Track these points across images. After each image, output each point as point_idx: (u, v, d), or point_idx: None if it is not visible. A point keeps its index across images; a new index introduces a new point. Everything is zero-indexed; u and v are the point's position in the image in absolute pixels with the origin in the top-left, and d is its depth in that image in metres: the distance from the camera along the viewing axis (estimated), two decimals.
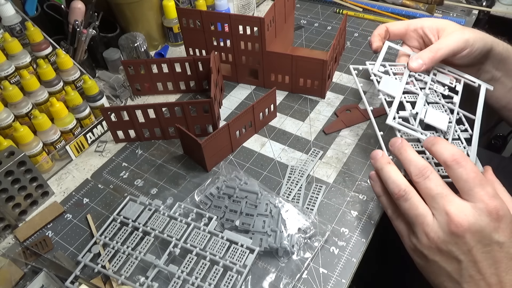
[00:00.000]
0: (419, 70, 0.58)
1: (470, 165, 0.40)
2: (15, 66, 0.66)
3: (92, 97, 0.69)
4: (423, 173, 0.42)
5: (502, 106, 0.64)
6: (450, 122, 0.56)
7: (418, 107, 0.55)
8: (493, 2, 1.03)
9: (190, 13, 0.73)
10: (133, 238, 0.53)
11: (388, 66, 0.61)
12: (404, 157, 0.45)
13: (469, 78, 0.61)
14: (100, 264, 0.50)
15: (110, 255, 0.51)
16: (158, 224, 0.54)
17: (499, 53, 0.60)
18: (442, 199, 0.40)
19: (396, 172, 0.45)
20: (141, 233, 0.53)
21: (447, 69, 0.62)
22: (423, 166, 0.42)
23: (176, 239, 0.51)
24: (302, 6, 1.04)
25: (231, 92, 0.78)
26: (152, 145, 0.68)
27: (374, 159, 0.47)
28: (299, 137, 0.68)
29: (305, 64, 0.71)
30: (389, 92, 0.57)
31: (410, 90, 0.58)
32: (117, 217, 0.55)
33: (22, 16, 0.72)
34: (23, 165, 0.55)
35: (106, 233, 0.54)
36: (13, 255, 0.53)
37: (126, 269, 0.49)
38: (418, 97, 0.57)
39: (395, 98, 0.56)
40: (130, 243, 0.52)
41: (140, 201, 0.56)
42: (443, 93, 0.59)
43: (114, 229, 0.54)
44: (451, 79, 0.61)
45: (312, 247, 0.52)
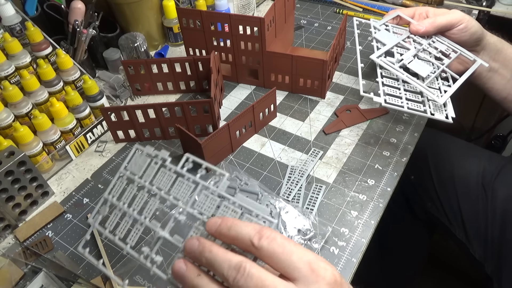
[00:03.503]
0: (419, 31, 0.63)
1: (276, 232, 0.32)
2: (15, 66, 0.66)
3: (92, 97, 0.69)
4: (242, 272, 0.31)
5: (503, 98, 0.65)
6: (433, 73, 0.59)
7: (405, 56, 0.60)
8: (493, 2, 1.03)
9: (190, 13, 0.73)
10: (139, 200, 0.47)
11: (390, 26, 0.66)
12: (211, 259, 0.33)
13: (466, 52, 0.63)
14: (108, 229, 0.45)
15: (117, 218, 0.46)
16: (164, 182, 0.47)
17: (494, 43, 0.64)
18: None
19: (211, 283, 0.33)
20: (146, 194, 0.47)
21: (446, 42, 0.64)
22: (238, 264, 0.31)
23: (183, 202, 0.44)
24: (302, 6, 1.04)
25: (231, 92, 0.78)
26: (152, 145, 0.68)
27: (179, 277, 0.35)
28: (299, 137, 0.68)
29: (305, 64, 0.71)
30: (383, 41, 0.61)
31: (404, 46, 0.62)
32: (124, 172, 0.49)
33: (22, 16, 0.72)
34: (23, 165, 0.55)
35: (113, 191, 0.48)
36: (13, 255, 0.53)
37: (132, 237, 0.44)
38: (409, 50, 0.61)
39: (386, 45, 0.61)
40: (136, 205, 0.47)
41: (146, 152, 0.52)
42: (435, 54, 0.62)
43: (121, 186, 0.48)
44: (447, 48, 0.63)
45: (312, 248, 0.52)
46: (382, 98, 0.56)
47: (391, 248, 0.93)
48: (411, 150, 0.65)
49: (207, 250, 0.34)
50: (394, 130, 0.68)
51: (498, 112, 1.27)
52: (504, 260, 0.68)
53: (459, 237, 0.75)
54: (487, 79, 0.66)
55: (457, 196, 0.74)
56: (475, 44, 0.63)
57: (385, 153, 0.64)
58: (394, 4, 1.00)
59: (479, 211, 0.72)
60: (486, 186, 0.72)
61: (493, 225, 0.70)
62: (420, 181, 0.81)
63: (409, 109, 0.56)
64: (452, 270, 1.24)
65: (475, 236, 0.73)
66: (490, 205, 0.70)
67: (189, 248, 0.36)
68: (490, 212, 0.70)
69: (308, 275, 0.30)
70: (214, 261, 0.33)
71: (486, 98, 0.74)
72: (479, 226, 0.71)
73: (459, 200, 0.74)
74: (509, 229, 0.67)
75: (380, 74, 0.59)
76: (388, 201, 0.58)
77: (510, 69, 0.64)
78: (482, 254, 0.72)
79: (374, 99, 0.56)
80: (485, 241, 0.71)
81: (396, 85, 0.59)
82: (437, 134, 0.83)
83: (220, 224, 0.35)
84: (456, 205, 0.75)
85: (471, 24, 0.61)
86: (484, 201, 0.71)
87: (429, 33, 0.63)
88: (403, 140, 0.66)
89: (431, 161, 0.79)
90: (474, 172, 0.74)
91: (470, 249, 0.74)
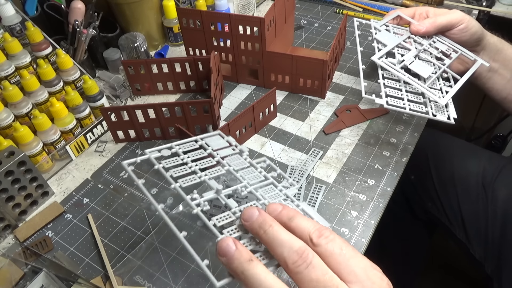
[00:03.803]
0: (419, 32, 0.63)
1: (335, 234, 0.32)
2: (15, 66, 0.66)
3: (92, 97, 0.69)
4: (304, 259, 0.30)
5: (503, 98, 0.66)
6: (434, 73, 0.59)
7: (406, 57, 0.60)
8: (493, 2, 1.03)
9: (190, 13, 0.73)
10: (206, 162, 0.47)
11: (391, 27, 0.66)
12: (271, 236, 0.32)
13: (467, 52, 0.63)
14: (163, 165, 0.44)
15: (175, 163, 0.45)
16: (235, 163, 0.47)
17: (494, 43, 0.64)
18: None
19: (266, 273, 0.30)
20: (215, 161, 0.47)
21: (447, 41, 0.64)
22: (302, 249, 0.30)
23: (248, 183, 0.44)
24: (302, 6, 1.04)
25: (231, 92, 0.78)
26: (152, 145, 0.68)
27: (225, 256, 0.32)
28: (299, 137, 0.68)
29: (305, 64, 0.71)
30: (384, 42, 0.61)
31: (405, 46, 0.62)
32: (199, 140, 0.50)
33: (22, 16, 0.72)
34: (23, 165, 0.55)
35: (182, 146, 0.48)
36: (13, 255, 0.53)
37: (184, 181, 0.43)
38: (410, 51, 0.61)
39: (387, 46, 0.60)
40: (201, 164, 0.45)
41: (227, 139, 0.53)
42: (436, 55, 0.62)
43: (191, 147, 0.48)
44: (448, 48, 0.63)
45: None
46: (384, 100, 0.56)
47: (391, 248, 0.93)
48: (411, 150, 0.65)
49: (268, 224, 0.32)
50: (394, 130, 0.68)
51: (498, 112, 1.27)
52: (504, 260, 0.68)
53: (459, 237, 0.75)
54: (487, 79, 0.66)
55: (457, 196, 0.74)
56: (475, 44, 0.64)
57: (385, 153, 0.64)
58: (394, 4, 1.00)
59: (479, 211, 0.72)
60: (486, 186, 0.72)
61: (493, 225, 0.70)
62: (420, 181, 0.81)
63: (411, 110, 0.56)
64: (452, 270, 1.24)
65: (475, 236, 0.73)
66: (490, 205, 0.70)
67: (248, 215, 0.34)
68: (490, 212, 0.70)
69: (363, 280, 0.30)
70: (274, 238, 0.32)
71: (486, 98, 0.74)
72: (479, 226, 0.71)
73: (459, 200, 0.74)
74: (509, 229, 0.67)
75: (382, 76, 0.59)
76: (388, 201, 0.58)
77: (510, 69, 0.64)
78: (482, 254, 0.72)
79: (376, 101, 0.56)
80: (485, 241, 0.71)
81: (397, 86, 0.59)
82: (437, 134, 0.83)
83: (281, 211, 0.34)
84: (456, 205, 0.75)
85: (472, 24, 0.61)
86: (484, 201, 0.71)
87: (430, 33, 0.64)
88: (403, 140, 0.66)
89: (431, 161, 0.79)
90: (474, 172, 0.74)
91: (470, 249, 0.74)
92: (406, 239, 0.95)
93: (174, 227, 0.39)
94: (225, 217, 0.37)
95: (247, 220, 0.34)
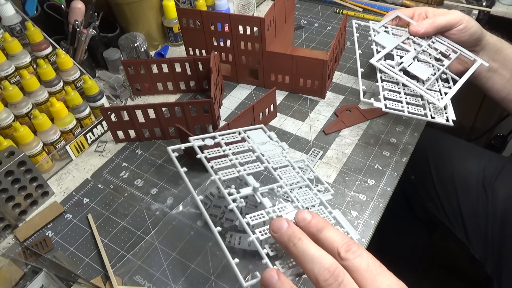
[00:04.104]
0: (419, 32, 0.63)
1: (362, 250, 0.33)
2: (15, 66, 0.66)
3: (92, 97, 0.69)
4: (336, 277, 0.30)
5: (503, 97, 0.66)
6: (433, 75, 0.59)
7: (405, 59, 0.59)
8: (493, 2, 1.03)
9: (190, 13, 0.73)
10: (246, 156, 0.47)
11: (389, 28, 0.65)
12: (300, 251, 0.32)
13: (466, 52, 0.63)
14: (205, 155, 0.45)
15: (217, 154, 0.46)
16: (274, 161, 0.48)
17: (493, 43, 0.64)
18: None
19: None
20: (255, 157, 0.48)
21: (446, 42, 0.64)
22: (333, 266, 0.31)
23: (284, 183, 0.45)
24: (302, 6, 1.04)
25: (231, 92, 0.78)
26: (152, 145, 0.68)
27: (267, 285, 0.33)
28: (299, 137, 0.68)
29: (305, 64, 0.71)
30: (383, 44, 0.61)
31: (404, 48, 0.62)
32: (242, 133, 0.52)
33: (22, 16, 0.72)
34: (23, 165, 0.55)
35: (225, 137, 0.49)
36: (13, 255, 0.53)
37: (224, 174, 0.44)
38: (409, 53, 0.61)
39: (386, 48, 0.60)
40: (241, 157, 0.47)
41: (268, 134, 0.53)
42: (435, 56, 0.62)
43: (233, 138, 0.50)
44: (447, 49, 0.63)
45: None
46: (383, 103, 0.56)
47: (391, 248, 0.93)
48: (411, 150, 0.65)
49: (297, 237, 0.33)
50: (394, 130, 0.68)
51: (498, 112, 1.27)
52: (504, 260, 0.68)
53: (459, 237, 0.75)
54: (487, 79, 0.66)
55: (457, 196, 0.74)
56: (475, 44, 0.64)
57: (385, 153, 0.64)
58: (394, 4, 1.00)
59: (479, 211, 0.72)
60: (486, 186, 0.72)
61: (493, 225, 0.70)
62: (420, 181, 0.81)
63: (409, 113, 0.56)
64: (452, 270, 1.24)
65: (475, 236, 0.73)
66: (490, 205, 0.70)
67: (277, 227, 0.34)
68: (491, 212, 0.70)
69: None
70: (304, 253, 0.32)
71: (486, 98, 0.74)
72: (479, 226, 0.71)
73: (459, 200, 0.74)
74: (509, 229, 0.67)
75: (380, 78, 0.58)
76: (388, 201, 0.58)
77: (509, 69, 0.64)
78: (482, 254, 0.72)
79: (374, 104, 0.55)
80: (485, 241, 0.71)
81: (396, 89, 0.58)
82: (437, 134, 0.83)
83: (310, 221, 0.35)
84: (456, 205, 0.75)
85: (471, 24, 0.61)
86: (484, 201, 0.71)
87: (429, 34, 0.63)
88: (403, 140, 0.66)
89: (431, 161, 0.79)
90: (474, 172, 0.74)
91: (470, 249, 0.74)
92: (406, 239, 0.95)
93: (210, 221, 0.40)
94: (259, 216, 0.38)
95: (276, 231, 0.34)
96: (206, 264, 0.51)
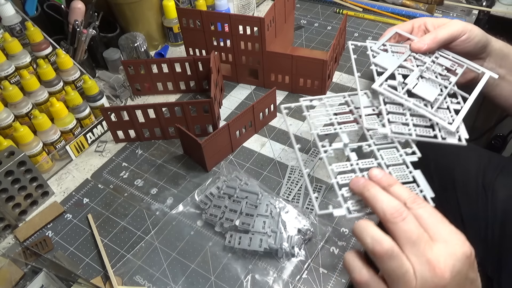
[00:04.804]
0: (421, 49, 0.59)
1: (426, 203, 0.39)
2: (15, 66, 0.66)
3: (92, 97, 0.69)
4: (400, 213, 0.37)
5: (511, 104, 0.64)
6: (440, 95, 0.54)
7: (409, 79, 0.55)
8: (493, 2, 1.03)
9: (190, 13, 0.73)
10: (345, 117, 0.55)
11: (388, 46, 0.61)
12: (372, 195, 0.40)
13: (473, 65, 0.59)
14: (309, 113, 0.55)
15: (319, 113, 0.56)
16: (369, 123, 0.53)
17: (500, 48, 0.60)
18: (423, 245, 0.36)
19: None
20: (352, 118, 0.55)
21: (451, 55, 0.60)
22: (399, 205, 0.38)
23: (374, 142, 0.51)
24: (302, 6, 1.04)
25: (231, 92, 0.78)
26: (152, 145, 0.68)
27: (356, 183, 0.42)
28: (299, 137, 0.68)
29: (305, 64, 0.71)
30: (384, 65, 0.56)
31: (407, 67, 0.57)
32: (346, 97, 0.58)
33: (22, 16, 0.72)
34: (23, 165, 0.55)
35: (330, 99, 0.57)
36: (13, 255, 0.53)
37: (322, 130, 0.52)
38: (413, 72, 0.56)
39: (388, 69, 0.56)
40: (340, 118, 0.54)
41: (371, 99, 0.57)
42: (440, 72, 0.57)
43: (338, 101, 0.57)
44: (452, 64, 0.59)
45: (312, 248, 0.52)
46: (388, 128, 0.51)
47: None
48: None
49: (371, 185, 0.41)
50: None
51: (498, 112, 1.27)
52: (504, 261, 0.68)
53: None
54: (494, 86, 0.63)
55: (457, 196, 0.74)
56: (480, 52, 0.61)
57: None
58: (394, 4, 1.00)
59: (479, 211, 0.71)
60: (486, 186, 0.72)
61: (493, 226, 0.69)
62: None
63: (417, 136, 0.51)
64: None
65: (475, 237, 0.73)
66: (490, 205, 0.70)
67: (354, 181, 0.43)
68: (490, 212, 0.70)
69: (448, 240, 0.36)
70: (375, 196, 0.39)
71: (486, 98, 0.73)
72: (479, 227, 0.71)
73: (459, 200, 0.74)
74: (509, 230, 0.67)
75: (383, 101, 0.53)
76: None
77: None
78: (482, 254, 0.72)
79: (379, 130, 0.52)
80: (485, 242, 0.71)
81: (401, 111, 0.53)
82: None
83: (382, 177, 0.42)
84: (456, 205, 0.75)
85: (474, 34, 0.58)
86: (484, 201, 0.71)
87: (432, 50, 0.60)
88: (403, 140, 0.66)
89: (432, 161, 0.79)
90: (474, 172, 0.74)
91: None
92: None
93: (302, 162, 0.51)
94: (344, 165, 0.47)
95: (353, 184, 0.43)
96: (206, 264, 0.51)
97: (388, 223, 0.37)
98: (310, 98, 0.57)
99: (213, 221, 0.54)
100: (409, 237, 0.36)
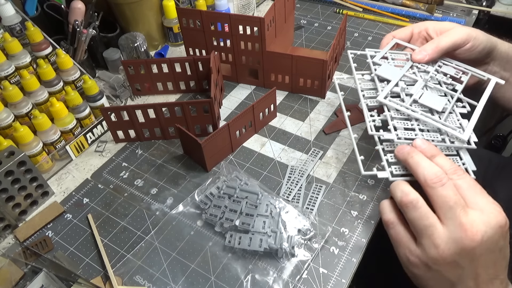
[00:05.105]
0: (422, 60, 0.57)
1: (467, 175, 0.42)
2: (15, 66, 0.66)
3: (92, 97, 0.69)
4: (440, 179, 0.40)
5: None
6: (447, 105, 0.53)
7: (414, 90, 0.53)
8: (493, 2, 1.03)
9: (190, 13, 0.73)
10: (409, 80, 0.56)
11: (388, 53, 0.60)
12: (415, 161, 0.43)
13: (478, 72, 0.58)
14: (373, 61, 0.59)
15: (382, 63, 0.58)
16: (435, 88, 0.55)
17: (505, 52, 0.59)
18: (459, 210, 0.39)
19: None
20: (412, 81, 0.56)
21: (454, 63, 0.59)
22: (439, 172, 0.41)
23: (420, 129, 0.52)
24: (302, 6, 1.04)
25: (231, 92, 0.78)
26: (152, 145, 0.68)
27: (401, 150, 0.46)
28: (299, 137, 0.68)
29: (305, 64, 0.71)
30: (387, 77, 0.55)
31: (410, 77, 0.56)
32: None
33: (22, 16, 0.72)
34: (23, 165, 0.55)
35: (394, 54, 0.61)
36: (13, 255, 0.53)
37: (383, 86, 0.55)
38: (417, 82, 0.55)
39: (392, 81, 0.54)
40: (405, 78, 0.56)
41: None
42: (445, 81, 0.56)
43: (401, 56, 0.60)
44: (457, 71, 0.58)
45: (312, 248, 0.52)
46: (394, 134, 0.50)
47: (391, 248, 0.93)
48: None
49: (415, 152, 0.44)
50: None
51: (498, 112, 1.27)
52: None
53: None
54: (497, 88, 0.62)
55: None
56: (485, 58, 0.59)
57: None
58: (394, 4, 1.00)
59: None
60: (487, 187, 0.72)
61: None
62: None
63: None
64: None
65: None
66: None
67: (400, 147, 0.46)
68: None
69: (484, 209, 0.39)
70: (418, 162, 0.42)
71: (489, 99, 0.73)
72: None
73: None
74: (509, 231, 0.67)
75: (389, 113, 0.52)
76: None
77: None
78: None
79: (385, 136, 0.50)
80: None
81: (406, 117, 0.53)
82: None
83: (426, 147, 0.45)
84: None
85: (479, 41, 0.56)
86: None
87: (434, 59, 0.58)
88: None
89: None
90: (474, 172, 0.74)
91: None
92: None
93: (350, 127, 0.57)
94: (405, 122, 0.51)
95: (398, 151, 0.46)
96: (206, 264, 0.51)
97: (428, 187, 0.40)
98: (375, 50, 0.60)
99: (213, 221, 0.54)
100: (446, 202, 0.39)
